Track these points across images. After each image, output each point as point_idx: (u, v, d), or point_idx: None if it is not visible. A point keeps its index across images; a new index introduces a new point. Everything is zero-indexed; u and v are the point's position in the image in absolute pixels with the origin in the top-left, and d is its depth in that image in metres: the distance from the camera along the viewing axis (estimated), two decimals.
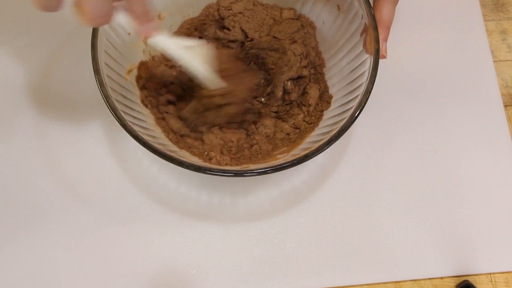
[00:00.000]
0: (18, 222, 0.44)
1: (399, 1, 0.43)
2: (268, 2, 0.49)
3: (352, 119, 0.38)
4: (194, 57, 0.39)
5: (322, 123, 0.44)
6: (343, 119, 0.39)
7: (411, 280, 0.44)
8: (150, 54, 0.46)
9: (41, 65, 0.49)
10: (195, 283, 0.43)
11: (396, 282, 0.44)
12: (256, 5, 0.48)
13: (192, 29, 0.49)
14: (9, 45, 0.50)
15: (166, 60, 0.47)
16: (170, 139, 0.43)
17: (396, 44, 0.43)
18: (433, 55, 0.52)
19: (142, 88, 0.44)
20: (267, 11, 0.48)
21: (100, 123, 0.47)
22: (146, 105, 0.44)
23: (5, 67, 0.49)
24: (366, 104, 0.38)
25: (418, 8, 0.54)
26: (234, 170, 0.37)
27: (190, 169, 0.36)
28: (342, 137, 0.37)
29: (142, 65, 0.45)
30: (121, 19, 0.34)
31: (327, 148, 0.37)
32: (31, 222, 0.44)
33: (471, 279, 0.44)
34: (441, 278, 0.44)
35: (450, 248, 0.45)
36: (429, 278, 0.44)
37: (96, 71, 0.37)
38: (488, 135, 0.49)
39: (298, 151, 0.41)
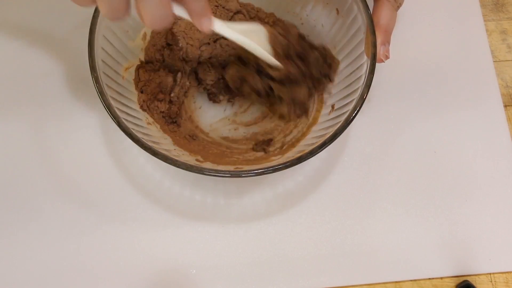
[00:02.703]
0: (15, 222, 0.44)
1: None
2: (266, 8, 0.49)
3: (347, 123, 0.38)
4: (253, 40, 0.39)
5: (317, 126, 0.44)
6: (338, 122, 0.39)
7: (411, 280, 0.44)
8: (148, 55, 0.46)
9: (40, 65, 0.49)
10: (195, 283, 0.43)
11: (396, 282, 0.44)
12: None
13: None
14: (9, 45, 0.50)
15: (165, 66, 0.46)
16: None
17: (395, 44, 0.44)
18: (433, 55, 0.52)
19: (140, 91, 0.44)
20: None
21: (96, 121, 0.47)
22: (144, 109, 0.44)
23: (5, 66, 0.50)
24: (366, 105, 0.38)
25: (418, 8, 0.54)
26: (229, 171, 0.37)
27: (183, 168, 0.36)
28: (342, 136, 0.37)
29: (140, 67, 0.45)
30: (182, 15, 0.34)
31: (320, 151, 0.37)
32: (28, 222, 0.44)
33: (471, 279, 0.44)
34: (441, 278, 0.44)
35: (450, 248, 0.45)
36: (429, 278, 0.44)
37: (92, 68, 0.37)
38: (488, 135, 0.49)
39: (292, 154, 0.41)
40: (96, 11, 0.38)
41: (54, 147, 0.47)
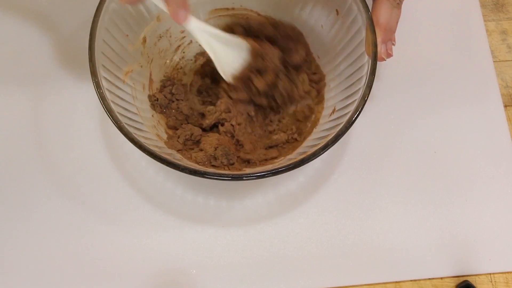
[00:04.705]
0: (15, 222, 0.45)
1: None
2: (264, 11, 0.49)
3: (349, 124, 0.38)
4: (234, 50, 0.40)
5: (319, 128, 0.44)
6: (340, 123, 0.39)
7: (411, 280, 0.44)
8: (148, 56, 0.46)
9: (40, 66, 0.50)
10: (195, 283, 0.43)
11: (396, 282, 0.44)
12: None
13: None
14: (9, 45, 0.51)
15: None
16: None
17: (396, 44, 0.44)
18: (433, 55, 0.52)
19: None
20: None
21: (97, 125, 0.48)
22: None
23: (5, 67, 0.50)
24: (366, 105, 0.38)
25: (418, 8, 0.54)
26: (231, 174, 0.37)
27: (185, 172, 0.35)
28: (343, 137, 0.37)
29: None
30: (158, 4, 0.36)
31: (323, 153, 0.37)
32: (28, 223, 0.45)
33: (471, 279, 0.44)
34: (441, 278, 0.44)
35: (450, 248, 0.45)
36: (429, 278, 0.44)
37: (93, 73, 0.37)
38: (488, 135, 0.49)
39: (294, 155, 0.41)
40: (96, 16, 0.39)
41: (55, 150, 0.47)
